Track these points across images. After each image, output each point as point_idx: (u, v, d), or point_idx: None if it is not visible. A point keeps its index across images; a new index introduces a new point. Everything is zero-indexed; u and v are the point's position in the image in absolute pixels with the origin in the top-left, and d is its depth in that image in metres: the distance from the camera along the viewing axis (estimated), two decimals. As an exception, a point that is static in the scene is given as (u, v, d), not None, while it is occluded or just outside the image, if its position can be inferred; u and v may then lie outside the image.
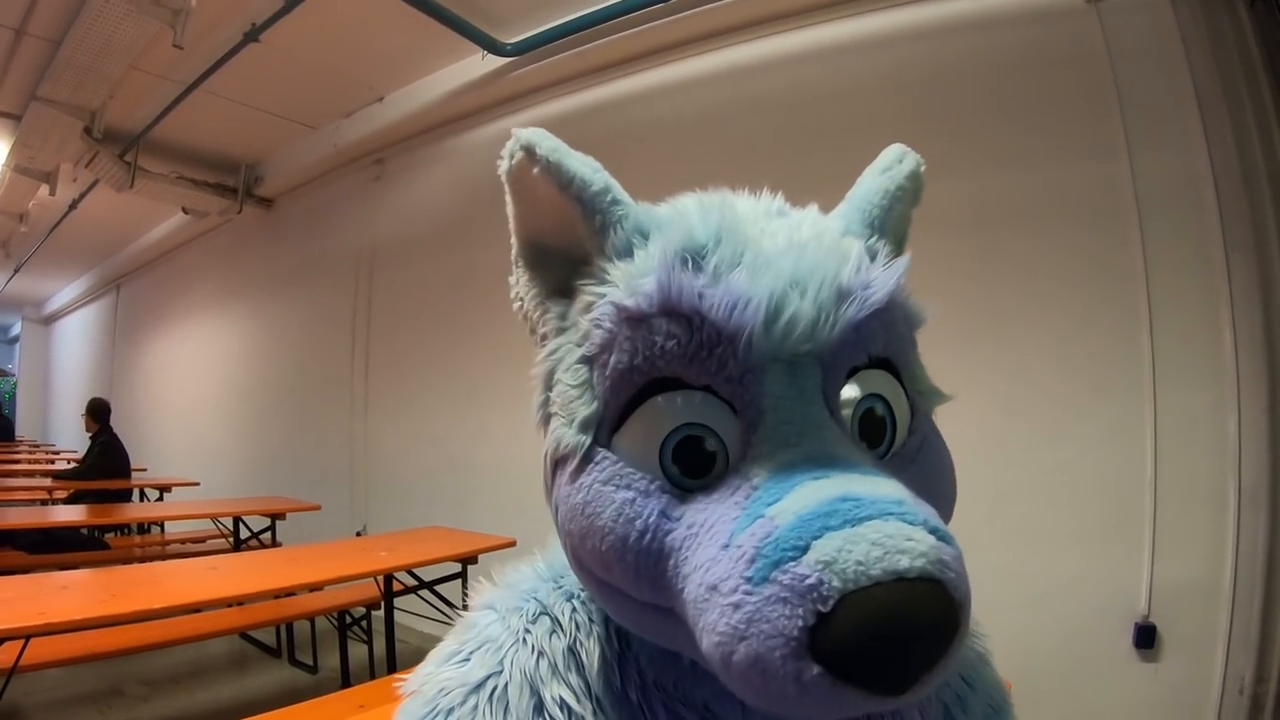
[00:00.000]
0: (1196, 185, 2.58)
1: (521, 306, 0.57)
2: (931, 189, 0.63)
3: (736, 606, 0.38)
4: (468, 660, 0.53)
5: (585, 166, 0.51)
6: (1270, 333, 2.46)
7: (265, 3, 3.93)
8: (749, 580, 0.38)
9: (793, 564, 0.37)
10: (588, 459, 0.48)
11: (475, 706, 0.50)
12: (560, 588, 0.57)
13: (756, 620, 0.37)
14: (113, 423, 6.56)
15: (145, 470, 7.55)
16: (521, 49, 4.14)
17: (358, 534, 5.26)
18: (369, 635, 3.96)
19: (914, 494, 0.42)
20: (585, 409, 0.48)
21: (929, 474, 0.50)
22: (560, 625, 0.54)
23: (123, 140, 5.59)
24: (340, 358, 5.84)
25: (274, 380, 6.82)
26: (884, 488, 0.41)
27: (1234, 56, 2.55)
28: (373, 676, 3.71)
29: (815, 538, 0.37)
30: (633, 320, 0.47)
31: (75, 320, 12.82)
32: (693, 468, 0.45)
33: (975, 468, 3.09)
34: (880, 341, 0.48)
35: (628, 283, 0.48)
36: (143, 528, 6.12)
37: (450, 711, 0.51)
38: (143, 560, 4.75)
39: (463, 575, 3.44)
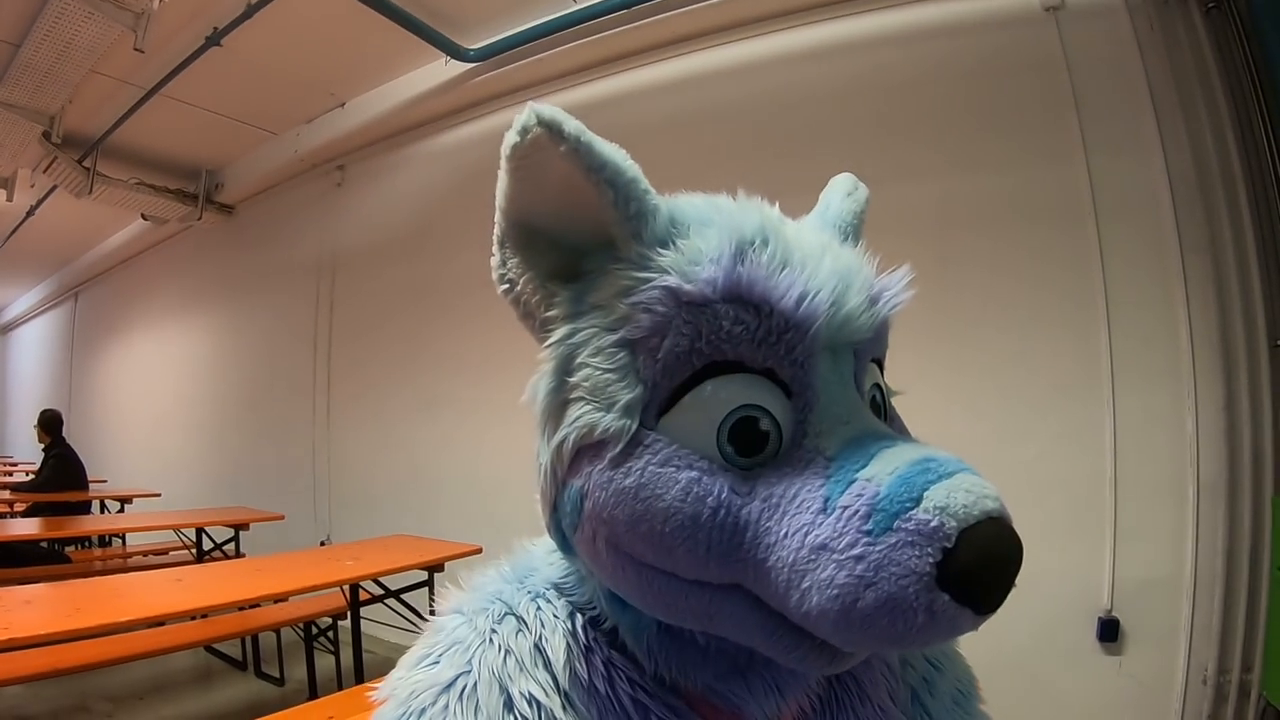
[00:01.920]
0: (1153, 189, 2.64)
1: (512, 289, 0.56)
2: (894, 192, 0.69)
3: (860, 558, 0.41)
4: (437, 662, 0.54)
5: (618, 152, 0.51)
6: (1225, 332, 2.53)
7: (227, 7, 3.89)
8: (868, 534, 0.42)
9: (911, 512, 0.41)
10: (635, 442, 0.48)
11: (446, 706, 0.51)
12: (525, 588, 0.59)
13: (885, 565, 0.41)
14: (71, 433, 6.46)
15: (105, 482, 7.43)
16: (484, 55, 4.14)
17: (322, 544, 5.21)
18: (336, 646, 3.93)
19: None
20: (628, 393, 0.48)
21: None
22: (525, 624, 0.55)
23: (82, 145, 5.50)
24: (302, 366, 5.78)
25: (236, 389, 6.73)
26: (945, 452, 0.46)
27: (1189, 63, 2.62)
28: (340, 687, 3.67)
29: (923, 490, 0.42)
30: (694, 306, 0.47)
31: (32, 329, 12.56)
32: (747, 447, 0.47)
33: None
34: (885, 340, 0.56)
35: (683, 270, 0.48)
36: (104, 540, 6.01)
37: (423, 712, 0.52)
38: (105, 573, 4.66)
39: (429, 583, 3.42)
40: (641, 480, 0.47)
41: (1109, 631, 2.61)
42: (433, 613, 0.61)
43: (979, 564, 0.40)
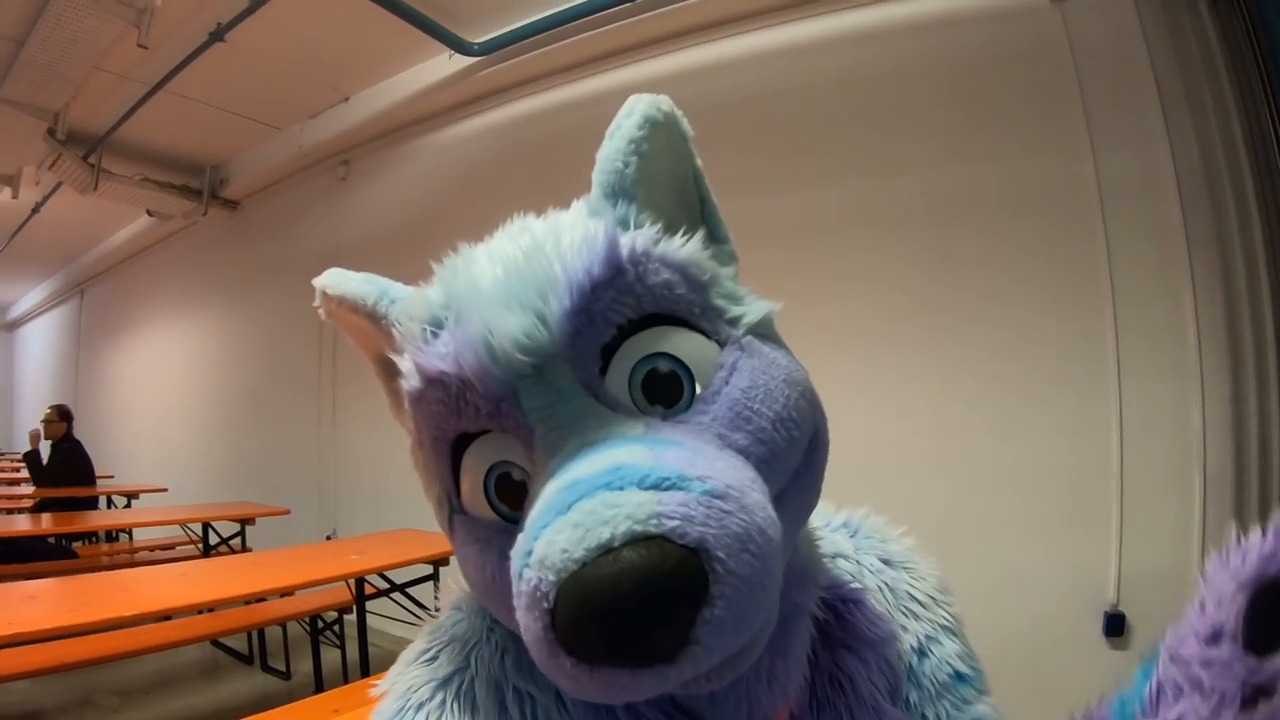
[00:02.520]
0: (1159, 181, 2.62)
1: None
2: (898, 185, 0.64)
3: (520, 622, 0.40)
4: (436, 659, 0.55)
5: (359, 283, 0.55)
6: (1232, 325, 2.51)
7: (230, 2, 3.89)
8: (518, 594, 0.39)
9: (524, 571, 0.38)
10: (451, 528, 0.52)
11: (444, 701, 0.52)
12: None
13: (525, 630, 0.39)
14: (78, 429, 6.49)
15: (112, 477, 7.45)
16: (488, 49, 4.13)
17: (328, 538, 5.22)
18: (342, 640, 3.93)
19: (700, 433, 0.45)
20: (432, 490, 0.54)
21: (736, 398, 0.47)
22: None
23: (86, 142, 5.50)
24: (308, 360, 5.79)
25: (242, 384, 6.75)
26: (612, 457, 0.41)
27: (1195, 54, 2.59)
28: (346, 681, 3.68)
29: (534, 539, 0.39)
30: (414, 399, 0.50)
31: (39, 326, 12.59)
32: (512, 501, 0.48)
33: (942, 461, 3.13)
34: (627, 308, 0.47)
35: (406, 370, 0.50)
36: (111, 535, 6.04)
37: (420, 707, 0.52)
38: (111, 568, 4.69)
39: (434, 577, 3.42)
40: (460, 558, 0.52)
41: (1115, 626, 2.60)
42: (439, 609, 0.62)
43: (573, 623, 0.36)
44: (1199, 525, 2.51)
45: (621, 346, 0.47)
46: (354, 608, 3.44)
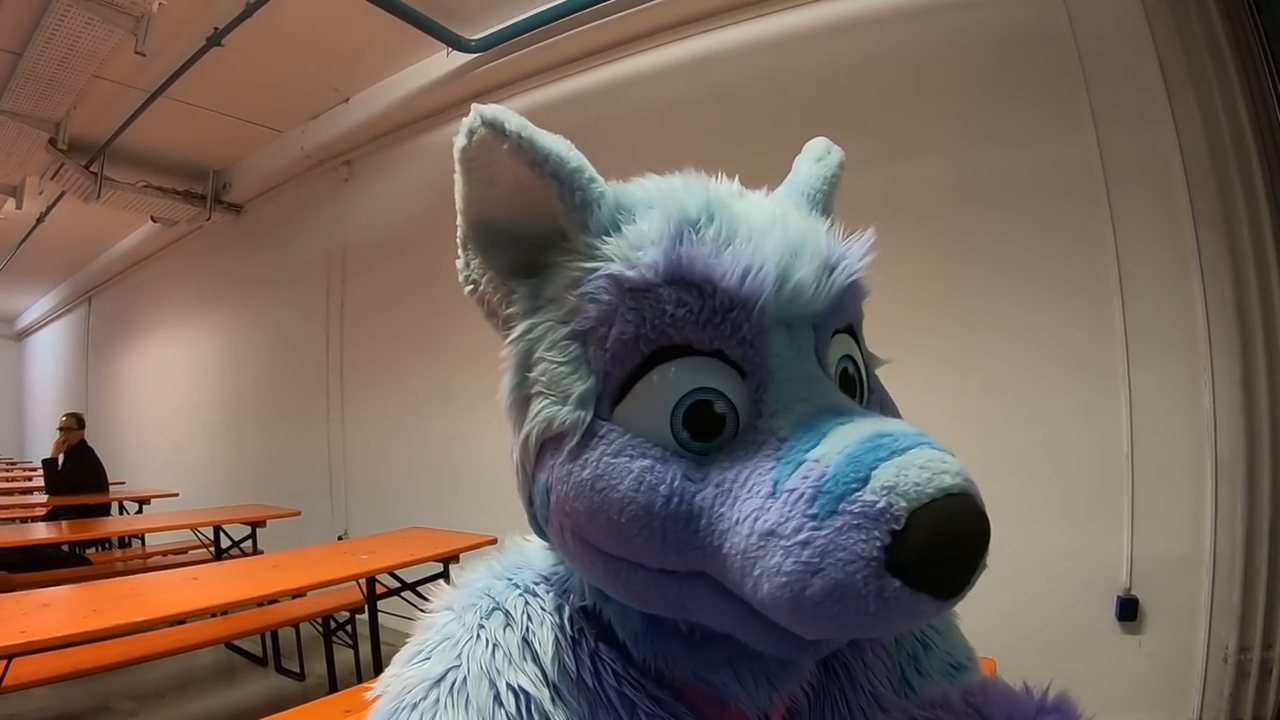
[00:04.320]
0: (1165, 162, 2.60)
1: (476, 289, 0.57)
2: (904, 168, 0.67)
3: (805, 544, 0.40)
4: (428, 658, 0.55)
5: (560, 143, 0.50)
6: (1241, 306, 2.50)
7: (227, 7, 3.89)
8: (814, 518, 0.40)
9: (858, 494, 0.39)
10: (590, 434, 0.48)
11: (437, 700, 0.52)
12: (513, 583, 0.59)
13: (831, 551, 0.39)
14: (90, 436, 6.54)
15: (124, 483, 7.48)
16: (486, 45, 4.13)
17: (339, 538, 5.24)
18: (354, 640, 3.95)
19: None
20: (581, 384, 0.48)
21: (887, 403, 0.54)
22: (513, 618, 0.55)
23: (88, 151, 5.52)
24: (315, 362, 5.81)
25: (250, 387, 6.78)
26: (905, 425, 0.44)
27: (1199, 34, 2.57)
28: (359, 681, 3.68)
29: (872, 469, 0.40)
30: (637, 291, 0.47)
31: (47, 335, 12.66)
32: (702, 431, 0.46)
33: (953, 445, 3.13)
34: (852, 308, 0.53)
35: (625, 256, 0.48)
36: (123, 541, 6.07)
37: (415, 706, 0.52)
38: (124, 574, 4.71)
39: (445, 575, 3.43)
40: (597, 472, 0.46)
41: (1128, 610, 2.60)
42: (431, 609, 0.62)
43: (931, 546, 0.38)
44: (1211, 508, 2.51)
45: (835, 337, 0.52)
46: (365, 607, 3.45)
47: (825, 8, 3.35)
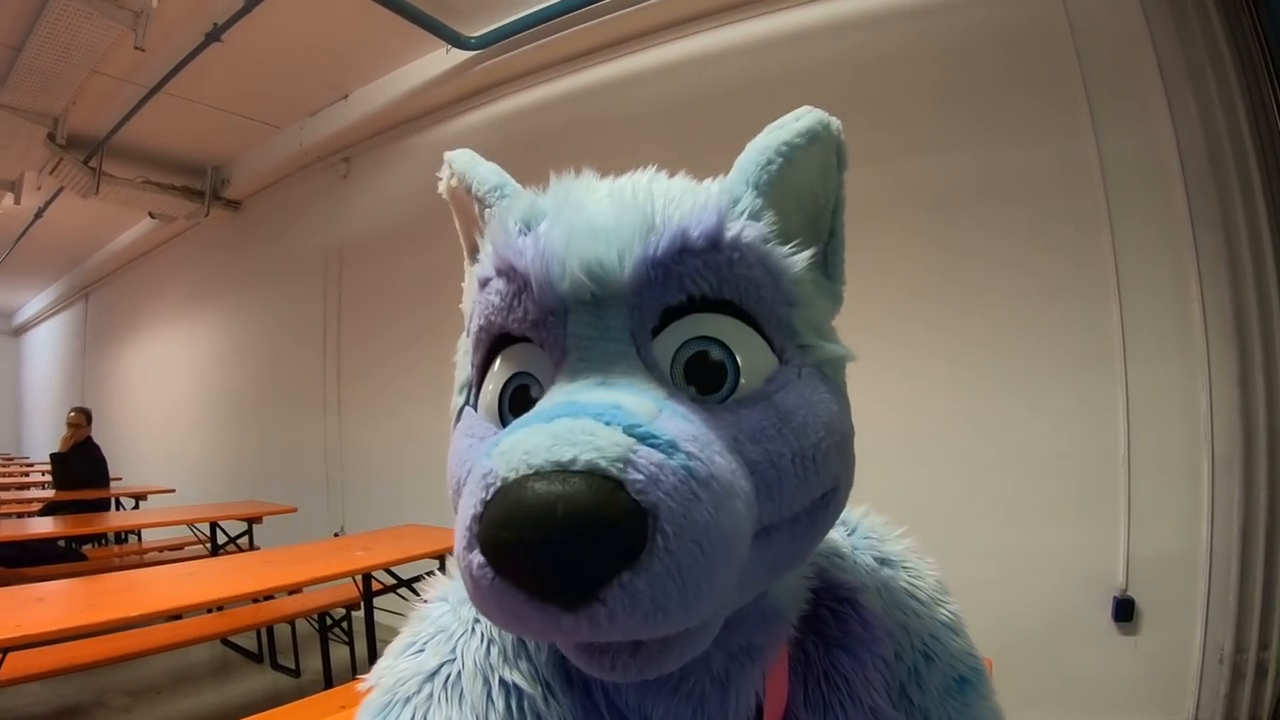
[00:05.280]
0: (1163, 161, 2.60)
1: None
2: (902, 168, 0.64)
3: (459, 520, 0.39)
4: (422, 651, 0.55)
5: (487, 170, 0.57)
6: (1238, 307, 2.50)
7: (226, 2, 3.88)
8: (469, 480, 0.39)
9: (484, 460, 0.38)
10: (458, 417, 0.53)
11: (431, 694, 0.52)
12: None
13: (459, 517, 0.39)
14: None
15: (121, 479, 7.48)
16: (486, 42, 4.12)
17: (335, 535, 5.22)
18: (350, 636, 3.95)
19: (716, 426, 0.43)
20: (460, 375, 0.55)
21: (769, 414, 0.46)
22: None
23: (87, 146, 5.51)
24: (312, 358, 5.80)
25: (247, 383, 6.77)
26: (611, 396, 0.41)
27: (1197, 33, 2.57)
28: (355, 678, 3.68)
29: (509, 435, 0.39)
30: (481, 286, 0.50)
31: (45, 331, 12.64)
32: (521, 413, 0.46)
33: (951, 445, 3.11)
34: (706, 282, 0.46)
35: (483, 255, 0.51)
36: (120, 537, 6.07)
37: (408, 700, 0.52)
38: (119, 570, 4.70)
39: (441, 572, 3.42)
40: (451, 448, 0.51)
41: (1124, 610, 2.60)
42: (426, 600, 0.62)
43: (497, 520, 0.35)
44: (1207, 509, 2.51)
45: (684, 317, 0.46)
46: (361, 604, 3.45)
47: (824, 7, 3.35)
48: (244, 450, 6.75)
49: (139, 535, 5.92)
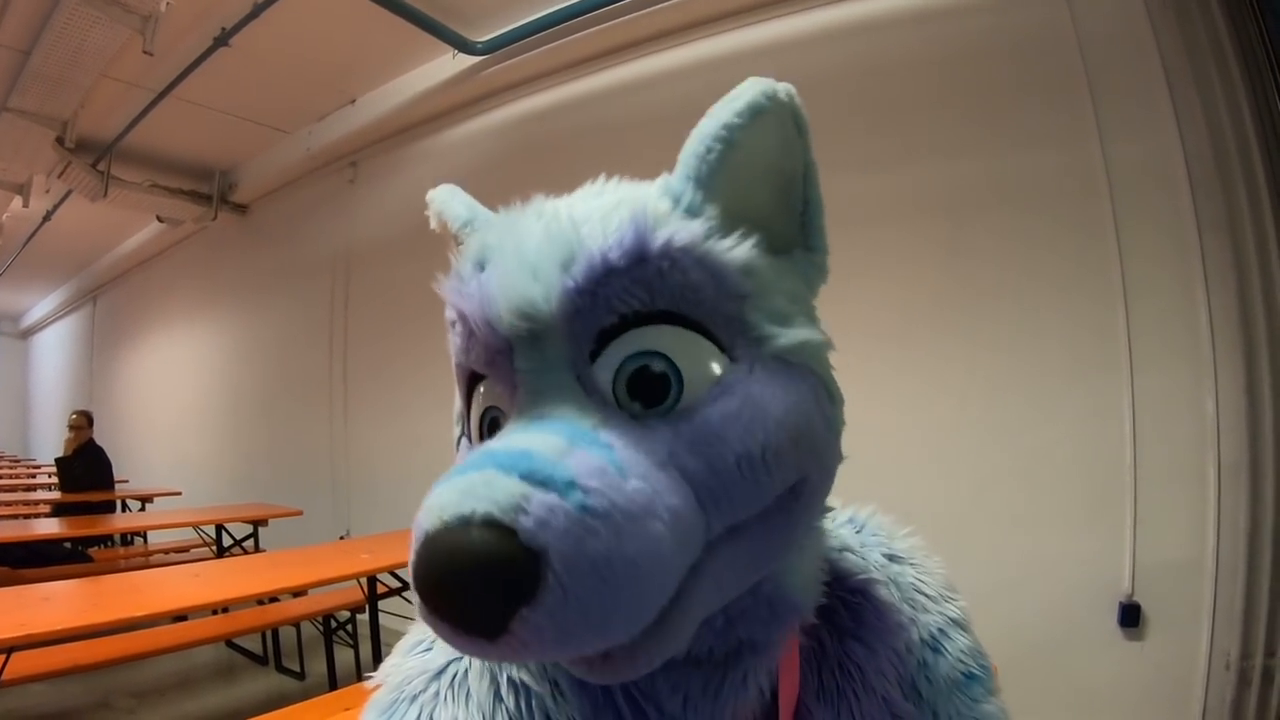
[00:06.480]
0: (1169, 167, 2.59)
1: None
2: (907, 174, 0.62)
3: None
4: (430, 649, 0.56)
5: (459, 205, 0.58)
6: (1245, 312, 2.48)
7: (234, 7, 3.91)
8: None
9: (421, 509, 0.40)
10: (457, 446, 0.55)
11: (437, 693, 0.52)
12: None
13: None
14: (95, 434, 6.56)
15: (127, 481, 7.50)
16: (492, 47, 4.13)
17: (341, 538, 5.23)
18: (355, 639, 3.95)
19: (651, 444, 0.42)
20: (455, 405, 0.55)
21: (709, 421, 0.44)
22: None
23: (95, 150, 5.54)
24: (319, 362, 5.81)
25: (254, 387, 6.79)
26: (525, 441, 0.42)
27: (1203, 39, 2.56)
28: (360, 680, 3.68)
29: (437, 486, 0.41)
30: (450, 327, 0.51)
31: (52, 333, 12.70)
32: None
33: (955, 455, 3.11)
34: (636, 299, 0.45)
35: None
36: (126, 539, 6.08)
37: (414, 698, 0.52)
38: (126, 571, 4.72)
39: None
40: None
41: (1130, 617, 2.59)
42: None
43: (415, 569, 0.39)
44: (1214, 515, 2.49)
45: (621, 336, 0.45)
46: (366, 607, 3.45)
47: (831, 12, 3.35)
48: (250, 453, 6.77)
49: (145, 537, 5.93)
